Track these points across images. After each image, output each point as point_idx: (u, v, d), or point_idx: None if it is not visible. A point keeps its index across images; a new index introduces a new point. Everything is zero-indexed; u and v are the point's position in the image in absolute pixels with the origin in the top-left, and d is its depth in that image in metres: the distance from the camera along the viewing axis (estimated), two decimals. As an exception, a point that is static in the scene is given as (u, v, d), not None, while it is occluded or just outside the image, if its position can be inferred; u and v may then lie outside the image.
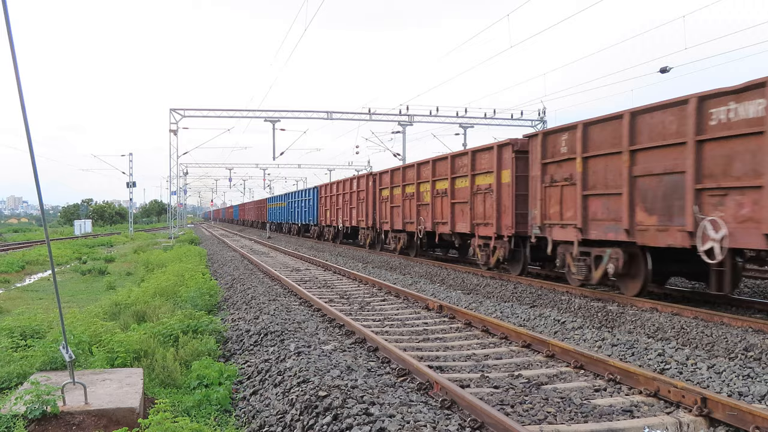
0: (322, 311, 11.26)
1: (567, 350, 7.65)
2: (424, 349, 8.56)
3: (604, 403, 6.03)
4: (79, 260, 27.77)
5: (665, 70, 24.36)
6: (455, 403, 5.78)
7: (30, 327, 8.92)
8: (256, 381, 7.12)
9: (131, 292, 12.59)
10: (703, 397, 5.61)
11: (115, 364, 7.13)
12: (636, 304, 10.95)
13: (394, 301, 12.96)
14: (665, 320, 9.42)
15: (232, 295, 14.24)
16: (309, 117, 39.55)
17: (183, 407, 6.20)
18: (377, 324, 10.37)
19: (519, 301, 12.39)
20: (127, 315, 10.46)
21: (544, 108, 40.36)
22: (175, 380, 7.07)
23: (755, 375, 6.73)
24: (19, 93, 4.70)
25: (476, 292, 14.03)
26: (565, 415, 5.67)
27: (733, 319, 9.23)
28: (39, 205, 5.29)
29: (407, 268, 19.32)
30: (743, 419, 5.22)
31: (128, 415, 5.37)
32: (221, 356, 8.60)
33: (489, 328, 9.48)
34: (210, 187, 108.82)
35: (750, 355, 7.61)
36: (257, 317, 10.53)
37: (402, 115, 39.90)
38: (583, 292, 12.39)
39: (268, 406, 6.18)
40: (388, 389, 6.19)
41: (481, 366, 7.55)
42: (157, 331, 8.58)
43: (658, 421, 5.46)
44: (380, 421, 5.10)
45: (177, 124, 39.55)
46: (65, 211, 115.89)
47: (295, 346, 8.00)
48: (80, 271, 22.33)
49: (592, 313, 10.53)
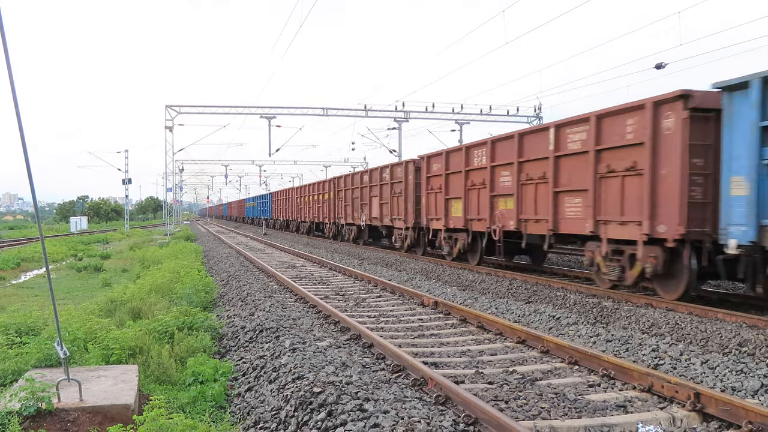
0: (318, 307, 11.27)
1: (561, 346, 7.67)
2: (419, 345, 8.57)
3: (598, 398, 6.06)
4: (74, 257, 27.71)
5: (660, 66, 24.38)
6: (450, 398, 5.80)
7: (25, 324, 8.89)
8: (251, 377, 7.13)
9: (127, 289, 12.57)
10: (696, 392, 5.64)
11: (110, 360, 7.12)
12: (631, 299, 10.98)
13: (389, 297, 12.97)
14: (660, 316, 9.45)
15: (227, 291, 14.24)
16: (305, 113, 39.50)
17: (178, 404, 6.21)
18: (372, 320, 10.39)
19: (514, 297, 12.41)
20: (123, 312, 10.45)
21: (540, 104, 40.42)
22: (171, 377, 7.07)
23: (748, 370, 6.76)
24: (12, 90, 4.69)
25: (472, 288, 14.04)
26: (559, 410, 5.69)
27: (727, 314, 9.27)
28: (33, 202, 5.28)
29: (403, 264, 19.34)
30: (736, 414, 5.25)
31: (123, 411, 5.37)
32: (216, 353, 8.60)
33: (484, 324, 9.50)
34: (206, 183, 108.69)
35: (744, 351, 7.64)
36: (252, 314, 10.53)
37: (398, 112, 39.90)
38: (578, 288, 12.43)
39: (263, 403, 6.19)
40: (382, 385, 6.21)
41: (475, 362, 7.57)
42: (153, 327, 8.58)
43: (652, 416, 5.49)
44: (374, 416, 5.11)
45: (173, 120, 39.49)
46: (61, 208, 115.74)
47: (290, 343, 8.01)
48: (76, 268, 22.29)
49: (587, 309, 10.56)
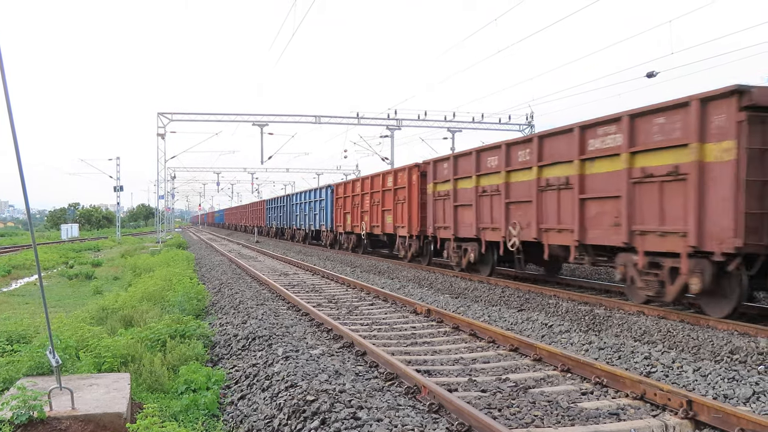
0: (310, 315, 11.26)
1: (554, 354, 7.69)
2: (413, 353, 8.57)
3: (591, 406, 6.07)
4: (66, 265, 27.56)
5: (652, 74, 24.53)
6: (443, 406, 5.80)
7: (16, 332, 8.84)
8: (244, 385, 7.11)
9: (118, 297, 12.51)
10: (688, 400, 5.66)
11: (102, 369, 7.08)
12: (623, 307, 11.02)
13: (382, 305, 12.97)
14: (652, 323, 9.49)
15: (220, 299, 14.20)
16: (297, 121, 39.55)
17: (170, 412, 6.18)
18: (365, 328, 10.38)
19: (507, 305, 12.42)
20: (115, 320, 10.40)
21: (532, 112, 40.59)
22: (163, 385, 7.04)
23: (740, 378, 6.78)
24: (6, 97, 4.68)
25: (464, 296, 14.06)
26: (552, 418, 5.70)
27: (719, 322, 9.31)
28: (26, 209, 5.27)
29: (395, 272, 19.33)
30: (728, 421, 5.27)
31: (115, 420, 5.34)
32: (209, 361, 8.57)
33: (477, 332, 9.51)
34: (198, 191, 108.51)
35: (735, 358, 7.67)
36: (245, 321, 10.50)
37: (390, 119, 39.97)
38: (571, 296, 12.46)
39: (255, 411, 6.17)
40: (375, 393, 6.20)
41: (468, 370, 7.57)
42: (145, 335, 8.54)
43: (644, 424, 5.50)
44: (368, 425, 5.11)
45: (165, 128, 39.45)
46: (52, 215, 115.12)
47: (283, 351, 7.99)
48: (67, 275, 22.16)
49: (580, 317, 10.59)
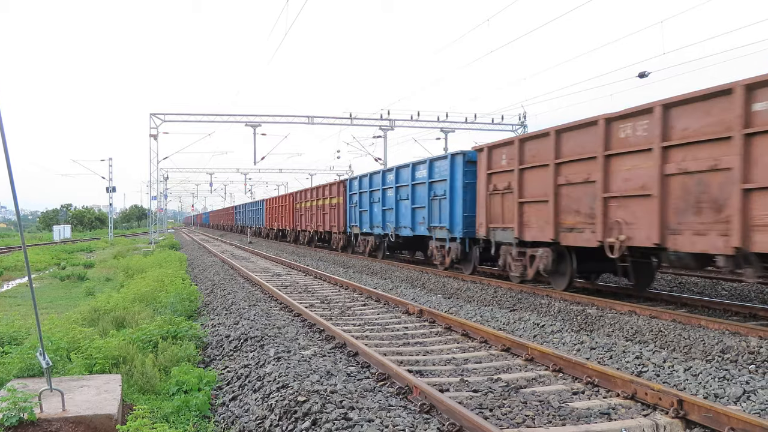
0: (303, 316, 11.24)
1: (546, 354, 7.70)
2: (404, 353, 8.57)
3: (582, 405, 6.08)
4: (58, 266, 27.47)
5: (644, 75, 24.60)
6: (434, 407, 5.80)
7: (7, 333, 8.80)
8: (236, 386, 7.09)
9: (110, 298, 12.46)
10: (679, 399, 5.67)
11: (93, 370, 7.06)
12: (615, 307, 11.05)
13: (374, 305, 12.96)
14: (643, 323, 9.52)
15: (212, 300, 14.17)
16: (290, 122, 39.45)
17: (162, 413, 6.17)
18: (357, 329, 10.37)
19: (499, 305, 12.44)
20: (106, 321, 10.37)
21: (525, 112, 40.66)
22: (154, 386, 7.02)
23: (731, 377, 6.81)
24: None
25: (457, 296, 14.07)
26: (544, 418, 5.71)
27: (710, 321, 9.35)
28: (15, 209, 5.24)
29: (388, 272, 19.34)
30: (718, 420, 5.28)
31: (106, 421, 5.33)
32: (201, 362, 8.55)
33: (469, 332, 9.51)
34: (191, 192, 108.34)
35: (726, 357, 7.71)
36: (237, 322, 10.49)
37: (383, 120, 39.94)
38: (563, 296, 12.48)
39: (247, 412, 6.16)
40: (367, 394, 6.20)
41: (460, 370, 7.58)
42: (137, 337, 8.52)
43: (635, 424, 5.51)
44: (359, 425, 5.10)
45: (157, 128, 39.30)
46: (44, 216, 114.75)
47: (275, 352, 7.98)
48: (59, 276, 22.07)
49: (572, 317, 10.61)
